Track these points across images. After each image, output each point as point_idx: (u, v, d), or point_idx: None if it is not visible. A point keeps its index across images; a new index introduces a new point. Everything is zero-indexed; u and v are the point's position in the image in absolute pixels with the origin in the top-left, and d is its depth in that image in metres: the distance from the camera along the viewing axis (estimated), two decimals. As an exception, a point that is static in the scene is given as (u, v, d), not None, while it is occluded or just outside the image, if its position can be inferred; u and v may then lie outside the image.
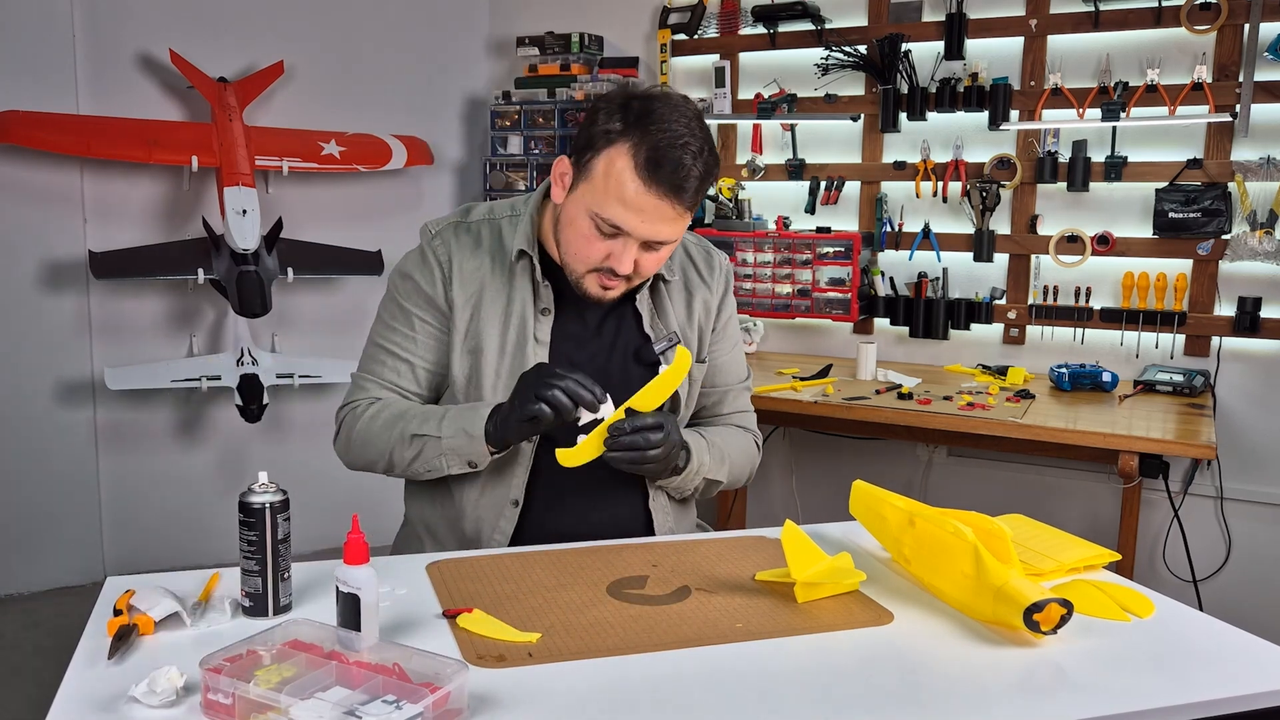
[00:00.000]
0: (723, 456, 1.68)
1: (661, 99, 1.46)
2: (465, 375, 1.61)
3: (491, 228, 1.65)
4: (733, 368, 1.79)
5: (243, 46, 3.69)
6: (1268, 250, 2.92)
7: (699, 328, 1.71)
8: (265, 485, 1.26)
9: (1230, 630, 1.28)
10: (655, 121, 1.42)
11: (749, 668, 1.15)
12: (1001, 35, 3.25)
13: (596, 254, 1.49)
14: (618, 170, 1.43)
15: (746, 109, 3.65)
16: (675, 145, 1.41)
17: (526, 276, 1.61)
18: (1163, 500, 3.08)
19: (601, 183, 1.44)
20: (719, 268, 1.74)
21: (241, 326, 3.57)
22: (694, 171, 1.43)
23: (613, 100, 1.46)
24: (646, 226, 1.45)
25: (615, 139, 1.43)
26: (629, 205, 1.43)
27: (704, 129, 1.47)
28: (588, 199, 1.47)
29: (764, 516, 3.78)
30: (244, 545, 1.25)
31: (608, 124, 1.44)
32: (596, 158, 1.45)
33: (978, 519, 1.35)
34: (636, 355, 1.64)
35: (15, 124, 3.28)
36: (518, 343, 1.60)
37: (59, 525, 3.59)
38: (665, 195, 1.43)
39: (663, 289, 1.67)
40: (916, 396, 2.85)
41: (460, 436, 1.52)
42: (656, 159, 1.41)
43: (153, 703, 1.03)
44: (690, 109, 1.47)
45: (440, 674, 1.03)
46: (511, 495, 1.62)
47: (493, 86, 4.14)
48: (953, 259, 3.40)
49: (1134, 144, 3.11)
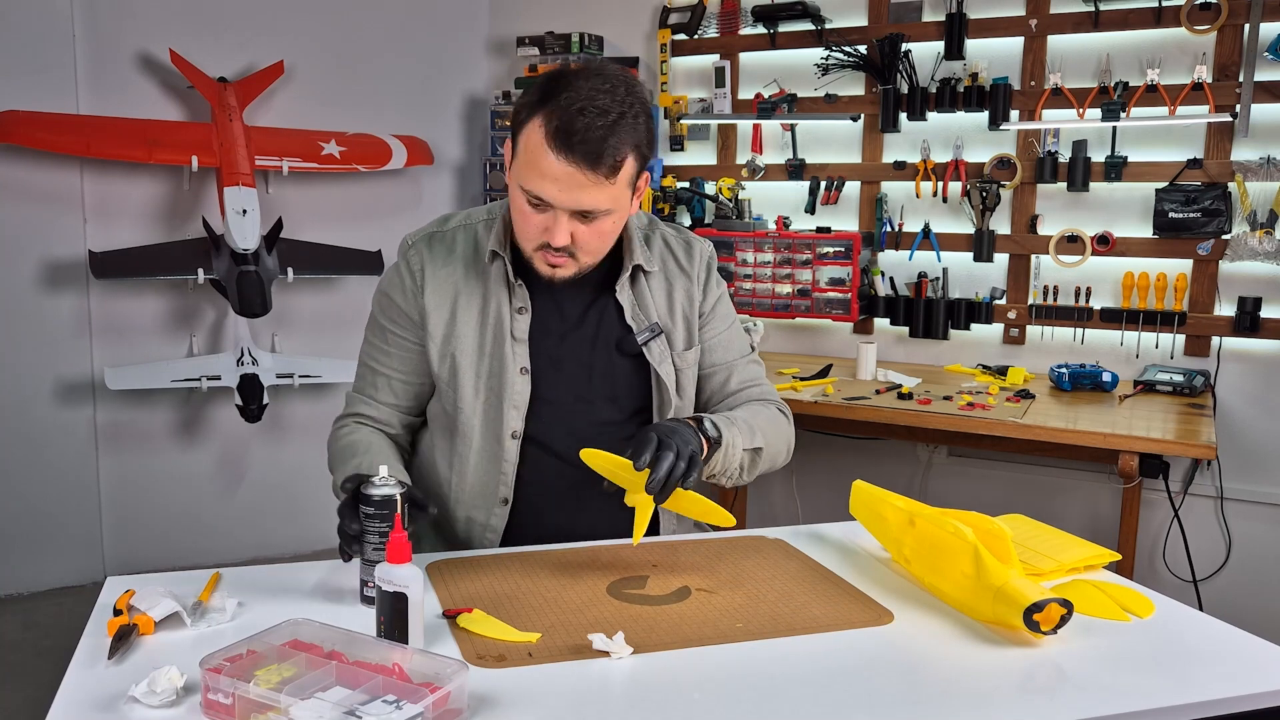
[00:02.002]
0: (750, 427, 1.61)
1: (582, 71, 1.45)
2: (446, 379, 1.63)
3: (467, 233, 1.66)
4: (733, 343, 1.76)
5: (243, 46, 3.69)
6: (1268, 250, 2.92)
7: (683, 317, 1.69)
8: (386, 478, 1.30)
9: (1230, 630, 1.28)
10: (567, 90, 1.42)
11: (749, 668, 1.15)
12: (1001, 35, 3.25)
13: (534, 229, 1.50)
14: (533, 143, 1.43)
15: (746, 109, 3.65)
16: (585, 112, 1.40)
17: (500, 276, 1.62)
18: (1163, 500, 3.08)
19: (524, 157, 1.46)
20: (699, 255, 1.73)
21: (241, 326, 3.57)
22: (605, 136, 1.41)
23: (539, 79, 1.49)
24: (565, 195, 1.44)
25: (533, 112, 1.44)
26: (545, 175, 1.43)
27: (628, 94, 1.44)
28: (517, 175, 1.48)
29: (764, 516, 3.78)
30: (374, 537, 1.28)
31: (526, 99, 1.46)
32: (520, 134, 1.47)
33: (978, 519, 1.35)
34: (619, 346, 1.64)
35: (15, 124, 3.28)
36: (495, 341, 1.60)
37: (59, 525, 3.59)
38: (576, 162, 1.41)
39: (643, 280, 1.67)
40: (916, 396, 2.85)
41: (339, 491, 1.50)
42: (566, 127, 1.40)
43: (153, 702, 1.03)
44: (614, 77, 1.45)
45: (440, 674, 1.03)
46: (500, 493, 1.62)
47: (493, 86, 4.14)
48: (953, 259, 3.40)
49: (1134, 144, 3.11)
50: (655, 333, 1.65)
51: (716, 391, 1.75)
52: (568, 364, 1.62)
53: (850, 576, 1.44)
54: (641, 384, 1.65)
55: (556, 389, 1.61)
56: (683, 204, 3.74)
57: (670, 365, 1.66)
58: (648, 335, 1.64)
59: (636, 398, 1.66)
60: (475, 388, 1.60)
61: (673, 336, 1.68)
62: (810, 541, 1.60)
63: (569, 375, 1.62)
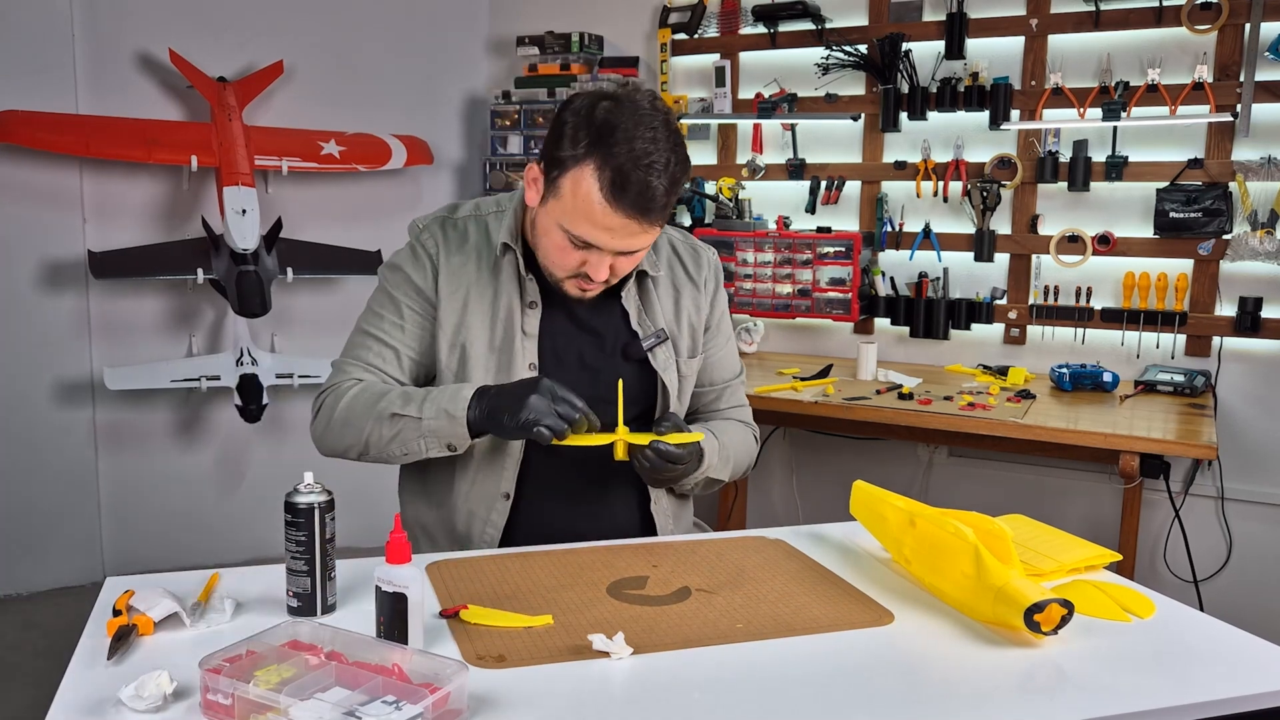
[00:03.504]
0: (728, 457, 1.69)
1: (628, 107, 1.42)
2: (454, 371, 1.62)
3: (478, 224, 1.66)
4: (728, 362, 1.80)
5: (242, 46, 3.69)
6: (1269, 250, 2.92)
7: (689, 325, 1.70)
8: (311, 485, 1.26)
9: (1231, 630, 1.28)
10: (619, 139, 1.39)
11: (749, 668, 1.15)
12: (1002, 35, 3.25)
13: (572, 262, 1.50)
14: (584, 191, 1.42)
15: (747, 109, 3.65)
16: (640, 165, 1.39)
17: (512, 270, 1.62)
18: (1163, 500, 3.08)
19: (570, 201, 1.44)
20: (707, 264, 1.74)
21: (241, 326, 3.56)
22: (659, 188, 1.41)
23: (578, 114, 1.44)
24: (616, 241, 1.46)
25: (580, 159, 1.41)
26: (597, 224, 1.43)
27: (671, 135, 1.43)
28: (558, 215, 1.46)
29: (764, 517, 3.78)
30: (291, 545, 1.25)
31: (573, 146, 1.42)
32: (563, 176, 1.44)
33: (978, 519, 1.35)
34: (624, 351, 1.65)
35: (15, 124, 3.28)
36: (505, 337, 1.60)
37: (59, 525, 3.59)
38: (632, 214, 1.42)
39: (650, 285, 1.67)
40: (917, 397, 2.84)
41: (441, 418, 1.51)
42: (621, 181, 1.39)
43: (139, 707, 1.02)
44: (658, 116, 1.43)
45: (440, 674, 1.03)
46: (502, 488, 1.62)
47: (493, 86, 4.14)
48: (953, 259, 3.40)
49: (1135, 144, 3.11)
50: (661, 339, 1.65)
51: (706, 407, 1.79)
52: (574, 364, 1.63)
53: (850, 577, 1.44)
54: (645, 389, 1.66)
55: None
56: (683, 204, 3.74)
57: (674, 373, 1.67)
58: (653, 341, 1.65)
59: (639, 402, 1.66)
60: (484, 380, 1.60)
61: (678, 343, 1.69)
62: (810, 542, 1.59)
63: (575, 375, 1.61)
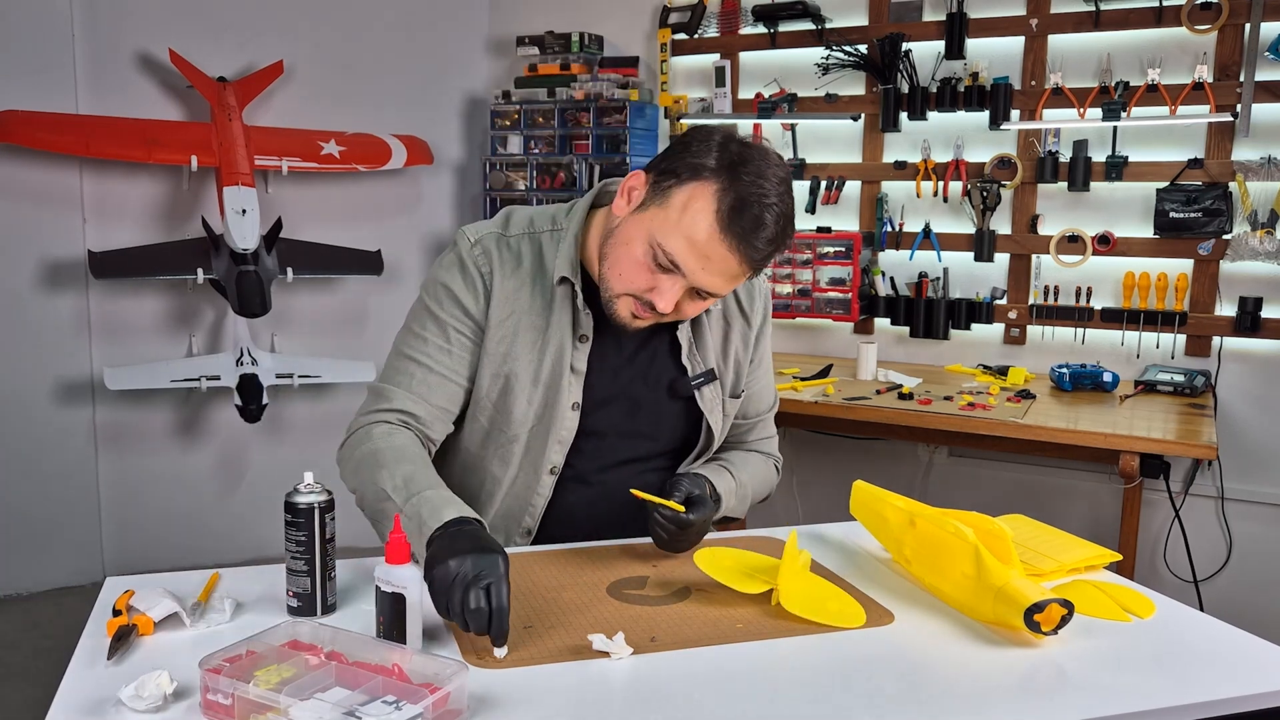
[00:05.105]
0: (746, 496, 1.64)
1: (759, 150, 1.39)
2: (493, 400, 1.54)
3: (532, 243, 1.54)
4: (765, 395, 1.74)
5: (242, 46, 3.69)
6: (1269, 250, 2.92)
7: (735, 361, 1.65)
8: (311, 485, 1.25)
9: (1231, 630, 1.28)
10: (750, 172, 1.35)
11: (749, 668, 1.15)
12: (1002, 35, 3.25)
13: (642, 282, 1.41)
14: (696, 208, 1.35)
15: (747, 109, 3.65)
16: (761, 201, 1.34)
17: (567, 302, 1.52)
18: (1163, 500, 3.08)
19: (676, 214, 1.36)
20: (759, 295, 1.68)
21: (241, 326, 3.56)
22: (770, 233, 1.36)
23: (711, 135, 1.39)
24: (704, 274, 1.38)
25: (705, 175, 1.35)
26: (695, 247, 1.36)
27: (790, 195, 1.39)
28: (654, 225, 1.38)
29: (764, 517, 3.77)
30: (291, 545, 1.24)
31: (701, 157, 1.36)
32: (679, 187, 1.37)
33: (978, 519, 1.35)
34: (670, 388, 1.59)
35: (15, 123, 3.28)
36: (553, 372, 1.52)
37: (59, 525, 3.59)
38: (735, 248, 1.35)
39: (704, 320, 1.60)
40: (917, 396, 2.84)
41: (412, 524, 1.30)
42: (739, 208, 1.34)
43: (139, 707, 1.02)
44: (783, 170, 1.39)
45: (440, 674, 1.03)
46: (525, 524, 1.58)
47: (493, 86, 4.14)
48: (953, 259, 3.40)
49: (1135, 144, 3.11)
50: (710, 379, 1.60)
51: (735, 439, 1.73)
52: (617, 400, 1.57)
53: (850, 576, 1.44)
54: (687, 426, 1.62)
55: (601, 424, 1.56)
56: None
57: (720, 414, 1.62)
58: (702, 381, 1.59)
59: (677, 438, 1.63)
60: (525, 415, 1.53)
61: (724, 383, 1.64)
62: (810, 541, 1.59)
63: (616, 410, 1.57)
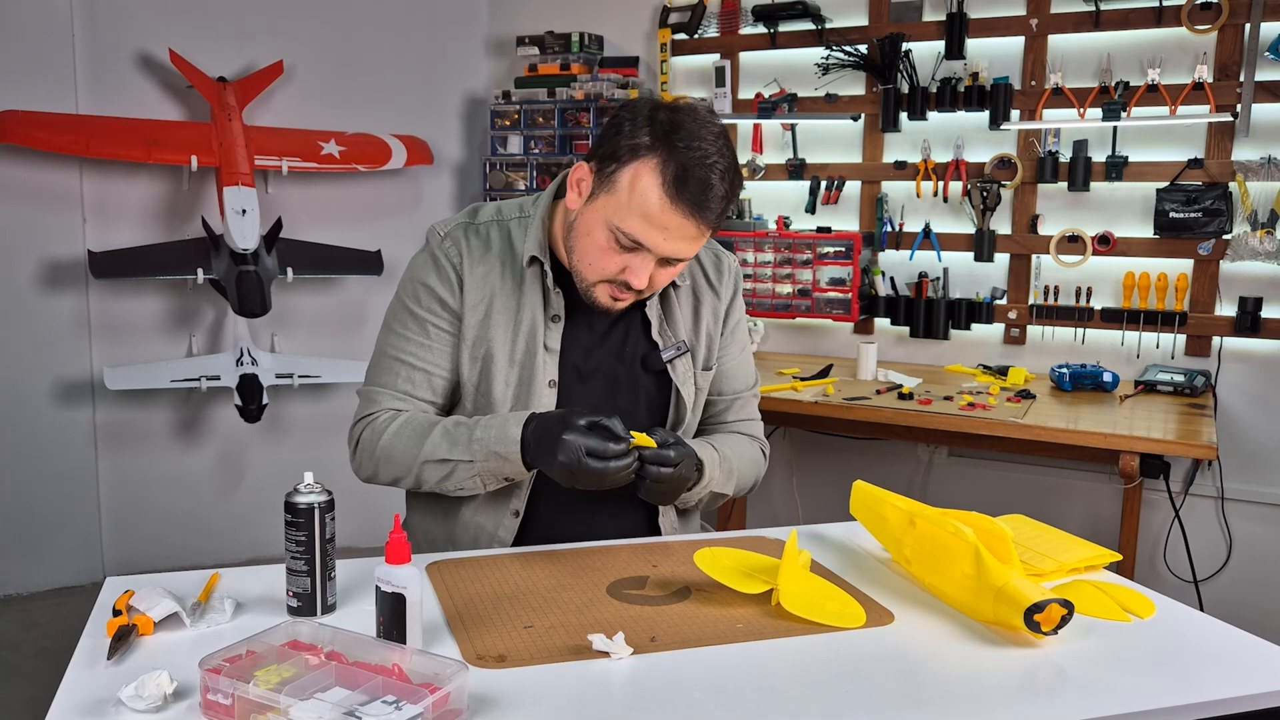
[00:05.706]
0: (731, 470, 1.65)
1: (688, 112, 1.42)
2: (474, 383, 1.58)
3: (500, 230, 1.61)
4: (740, 373, 1.76)
5: (242, 46, 3.69)
6: (1269, 250, 2.92)
7: (706, 335, 1.68)
8: (311, 485, 1.26)
9: (1230, 630, 1.28)
10: (684, 137, 1.39)
11: (749, 668, 1.15)
12: (1002, 35, 3.25)
13: (612, 266, 1.46)
14: (643, 185, 1.40)
15: (747, 109, 3.65)
16: (703, 164, 1.38)
17: (537, 283, 1.58)
18: (1163, 500, 3.08)
19: (625, 196, 1.41)
20: (728, 270, 1.72)
21: (241, 326, 3.56)
22: (719, 191, 1.40)
23: (639, 110, 1.43)
24: (668, 244, 1.43)
25: (642, 152, 1.40)
26: (652, 221, 1.41)
27: (729, 147, 1.43)
28: (608, 210, 1.43)
29: (764, 517, 3.78)
30: (291, 545, 1.25)
31: (634, 136, 1.41)
32: (621, 169, 1.41)
33: (978, 519, 1.35)
34: (644, 362, 1.63)
35: (15, 123, 3.28)
36: (527, 351, 1.57)
37: (59, 525, 3.59)
38: (690, 214, 1.40)
39: (672, 295, 1.65)
40: (917, 397, 2.84)
41: (493, 460, 1.47)
42: (684, 176, 1.38)
43: (139, 706, 1.02)
44: (716, 125, 1.44)
45: (440, 674, 1.03)
46: (513, 505, 1.60)
47: (493, 86, 4.14)
48: (953, 259, 3.40)
49: (1135, 144, 3.11)
50: (681, 351, 1.63)
51: (714, 417, 1.75)
52: (594, 377, 1.60)
53: (850, 576, 1.44)
54: (661, 400, 1.64)
55: (579, 401, 1.58)
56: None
57: (692, 385, 1.65)
58: (674, 353, 1.62)
59: (654, 414, 1.64)
60: (504, 396, 1.57)
61: (696, 355, 1.66)
62: (810, 541, 1.59)
63: (593, 388, 1.59)
